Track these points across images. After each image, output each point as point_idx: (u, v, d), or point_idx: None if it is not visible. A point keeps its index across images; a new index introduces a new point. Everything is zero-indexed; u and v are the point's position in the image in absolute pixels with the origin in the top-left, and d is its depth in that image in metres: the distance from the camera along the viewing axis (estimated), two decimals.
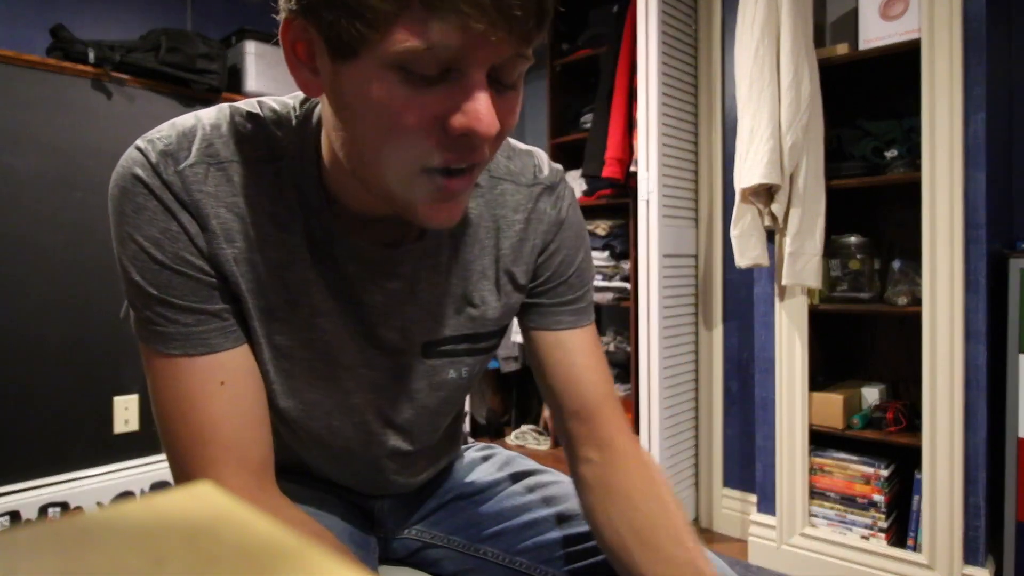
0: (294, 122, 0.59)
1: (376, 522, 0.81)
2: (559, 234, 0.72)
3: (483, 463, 0.87)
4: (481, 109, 0.47)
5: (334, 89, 0.49)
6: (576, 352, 0.72)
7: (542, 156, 0.74)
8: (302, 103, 0.61)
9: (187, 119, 0.57)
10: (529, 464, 0.86)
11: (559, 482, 0.82)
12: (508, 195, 0.69)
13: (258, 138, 0.58)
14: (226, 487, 0.54)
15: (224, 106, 0.59)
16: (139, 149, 0.55)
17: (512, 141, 0.73)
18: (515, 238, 0.69)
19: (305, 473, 0.76)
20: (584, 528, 0.74)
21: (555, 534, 0.75)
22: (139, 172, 0.54)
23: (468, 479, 0.84)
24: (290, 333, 0.61)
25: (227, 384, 0.57)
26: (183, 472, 0.57)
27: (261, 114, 0.59)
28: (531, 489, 0.81)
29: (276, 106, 0.60)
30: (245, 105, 0.59)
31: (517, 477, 0.83)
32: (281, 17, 0.50)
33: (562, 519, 0.76)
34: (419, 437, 0.73)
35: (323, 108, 0.54)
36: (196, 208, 0.55)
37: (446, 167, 0.49)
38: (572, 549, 0.74)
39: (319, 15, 0.45)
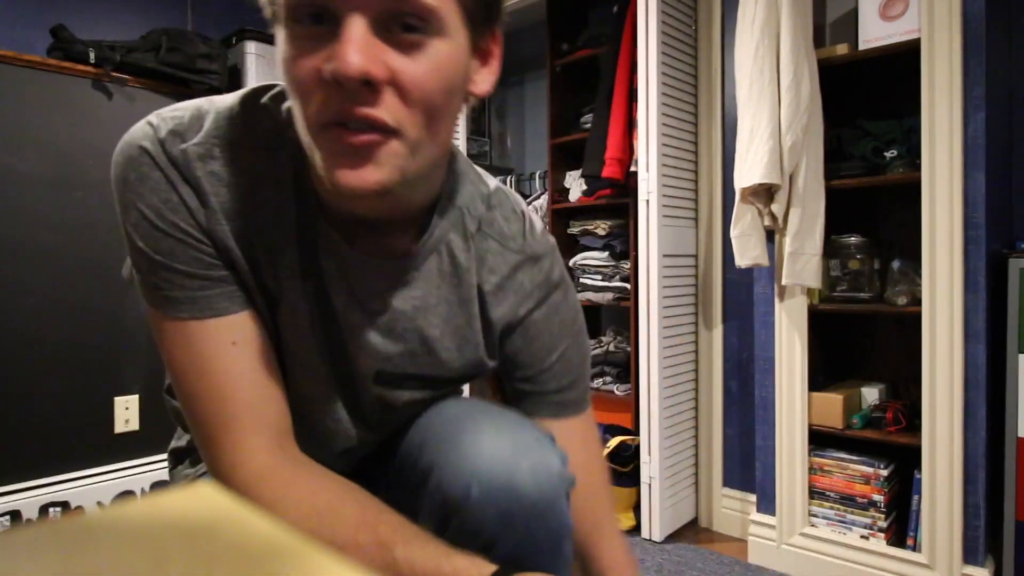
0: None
1: None
2: (536, 312, 0.69)
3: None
4: (346, 51, 0.46)
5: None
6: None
7: (536, 224, 0.71)
8: None
9: (202, 102, 0.59)
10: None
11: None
12: (490, 254, 0.67)
13: (265, 125, 0.59)
14: (248, 445, 0.55)
15: (240, 93, 0.60)
16: (150, 124, 0.56)
17: (516, 200, 0.71)
18: (490, 300, 0.67)
19: None
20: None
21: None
22: (146, 144, 0.55)
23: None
24: (276, 314, 0.62)
25: (239, 344, 0.57)
26: (203, 432, 0.57)
27: (271, 104, 0.60)
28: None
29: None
30: (258, 94, 0.60)
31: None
32: None
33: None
34: (375, 428, 0.71)
35: None
36: (197, 184, 0.56)
37: (339, 120, 0.49)
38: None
39: None
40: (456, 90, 0.53)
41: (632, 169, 2.28)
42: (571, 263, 2.58)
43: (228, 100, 0.59)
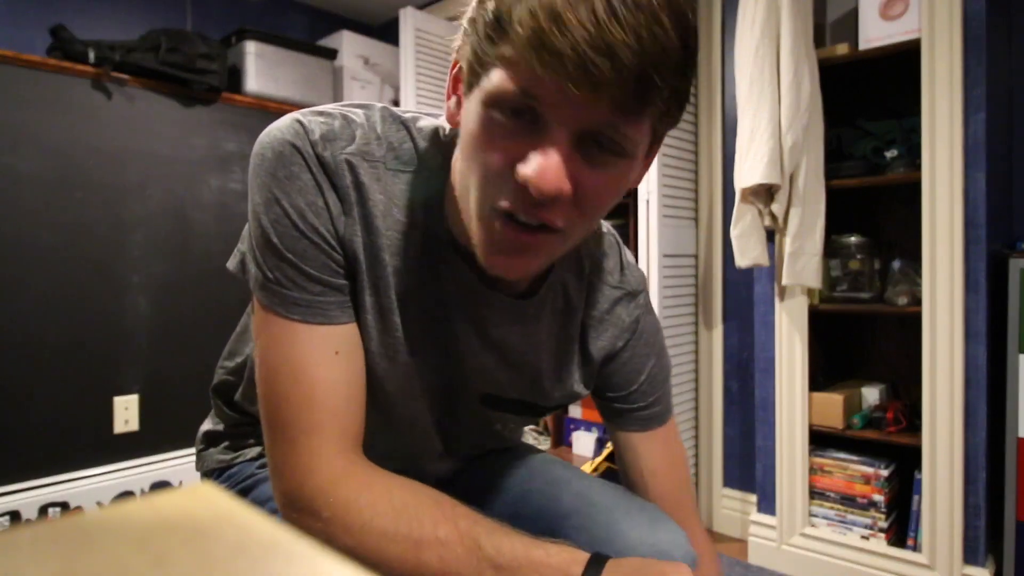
0: (440, 143, 0.62)
1: None
2: (631, 342, 0.74)
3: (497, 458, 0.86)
4: (547, 165, 0.48)
5: (461, 120, 0.54)
6: (645, 456, 0.77)
7: (628, 257, 0.77)
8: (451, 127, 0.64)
9: (346, 111, 0.60)
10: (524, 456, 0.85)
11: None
12: (594, 290, 0.72)
13: (403, 148, 0.61)
14: (326, 451, 0.57)
15: (377, 107, 0.62)
16: (300, 123, 0.57)
17: (610, 230, 0.76)
18: (592, 334, 0.72)
19: None
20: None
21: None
22: (299, 144, 0.57)
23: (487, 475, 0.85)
24: (385, 331, 0.63)
25: (340, 354, 0.59)
26: (283, 433, 0.58)
27: (410, 127, 0.62)
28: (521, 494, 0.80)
29: (424, 124, 0.63)
30: (396, 113, 0.62)
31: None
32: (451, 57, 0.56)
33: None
34: (457, 454, 0.75)
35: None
36: (344, 193, 0.58)
37: (511, 213, 0.51)
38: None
39: (464, 55, 0.51)
40: (622, 194, 0.57)
41: None
42: None
43: (371, 114, 0.61)
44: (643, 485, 0.77)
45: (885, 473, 1.78)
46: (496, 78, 0.48)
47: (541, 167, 0.48)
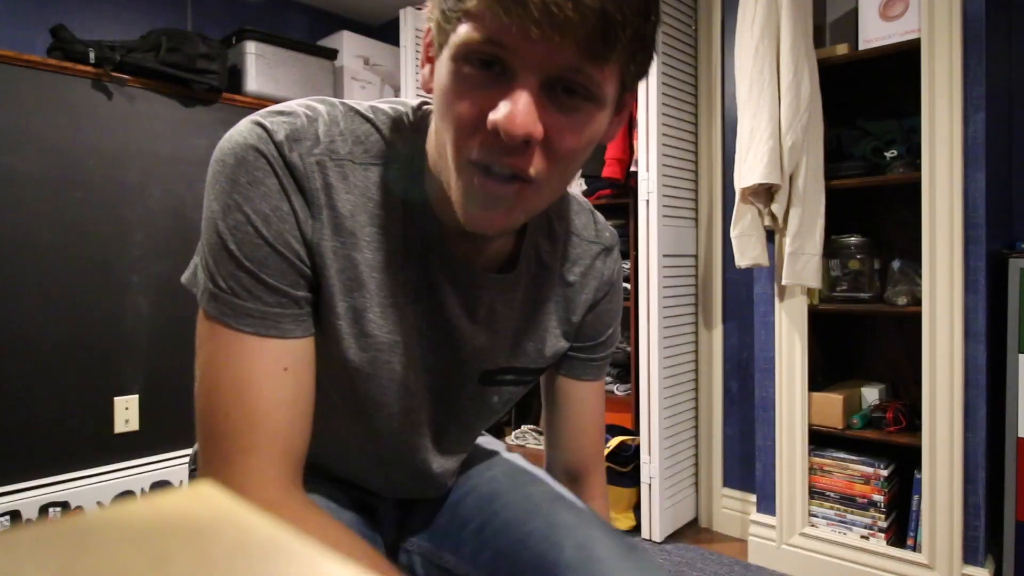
0: (407, 129, 0.61)
1: (376, 521, 0.81)
2: (607, 296, 0.77)
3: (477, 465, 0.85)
4: (516, 108, 0.48)
5: (434, 83, 0.54)
6: (588, 406, 0.81)
7: (600, 216, 0.78)
8: (415, 110, 0.62)
9: (303, 109, 0.58)
10: (508, 464, 0.84)
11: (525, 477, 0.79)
12: (573, 247, 0.73)
13: (371, 140, 0.59)
14: (262, 474, 0.54)
15: (336, 102, 0.60)
16: (262, 125, 0.55)
17: (576, 195, 0.77)
18: (573, 290, 0.74)
19: (318, 466, 0.76)
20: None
21: (504, 542, 0.72)
22: (262, 147, 0.54)
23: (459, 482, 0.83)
24: (371, 331, 0.61)
25: (290, 371, 0.56)
26: (218, 450, 0.54)
27: (374, 118, 0.60)
28: (490, 497, 0.77)
29: (389, 111, 0.61)
30: (357, 105, 0.61)
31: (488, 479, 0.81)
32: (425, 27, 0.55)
33: (510, 528, 0.73)
34: (448, 448, 0.74)
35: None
36: (312, 196, 0.55)
37: (484, 163, 0.51)
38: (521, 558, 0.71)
39: (433, 18, 0.52)
40: (593, 145, 0.56)
41: (632, 169, 2.28)
42: None
43: (328, 110, 0.59)
44: (580, 433, 0.81)
45: (885, 473, 1.78)
46: (463, 31, 0.48)
47: (510, 111, 0.48)
